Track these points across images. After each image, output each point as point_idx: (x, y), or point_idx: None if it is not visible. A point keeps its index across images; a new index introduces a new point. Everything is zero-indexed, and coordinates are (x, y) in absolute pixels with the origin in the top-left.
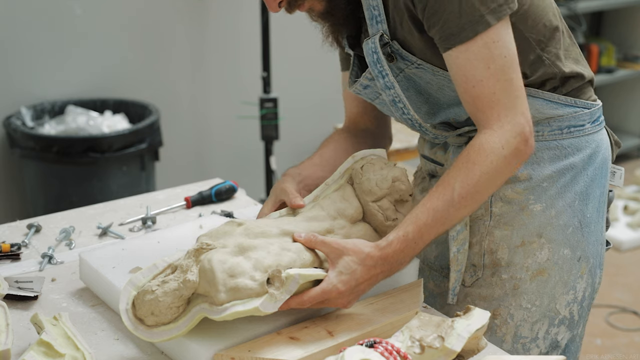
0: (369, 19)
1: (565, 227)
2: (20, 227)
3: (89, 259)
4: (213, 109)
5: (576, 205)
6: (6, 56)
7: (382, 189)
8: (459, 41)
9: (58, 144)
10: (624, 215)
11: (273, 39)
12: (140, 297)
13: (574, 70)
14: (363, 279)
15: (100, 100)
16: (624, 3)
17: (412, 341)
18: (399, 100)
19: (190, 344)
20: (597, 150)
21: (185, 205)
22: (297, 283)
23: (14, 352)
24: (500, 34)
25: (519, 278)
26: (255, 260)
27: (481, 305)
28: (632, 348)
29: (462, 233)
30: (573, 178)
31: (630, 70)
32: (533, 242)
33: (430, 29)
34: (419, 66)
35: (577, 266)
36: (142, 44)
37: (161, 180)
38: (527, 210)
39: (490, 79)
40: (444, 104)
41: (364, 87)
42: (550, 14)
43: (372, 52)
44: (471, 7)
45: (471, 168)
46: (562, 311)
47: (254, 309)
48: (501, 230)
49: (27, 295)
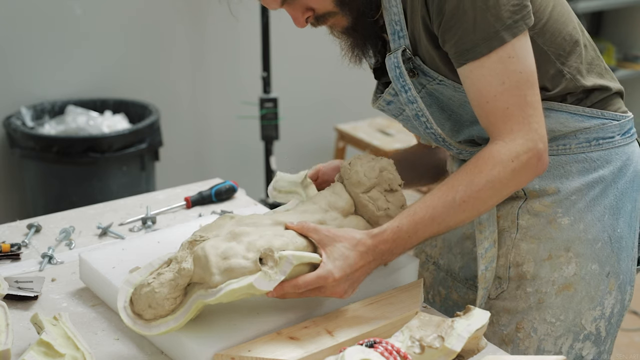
0: (391, 34)
1: (594, 241)
2: (20, 227)
3: (89, 259)
4: (213, 109)
5: (606, 220)
6: (6, 56)
7: (371, 179)
8: (473, 57)
9: (58, 144)
10: None
11: (273, 39)
12: (137, 291)
13: (597, 83)
14: (357, 265)
15: (100, 100)
16: (624, 3)
17: (412, 341)
18: (422, 114)
19: (190, 344)
20: (628, 162)
21: (185, 205)
22: (290, 264)
23: (14, 352)
24: (516, 50)
25: (545, 292)
26: (248, 243)
27: (505, 318)
28: (632, 348)
29: (490, 250)
30: (602, 191)
31: (630, 70)
32: (560, 256)
33: (444, 44)
34: (441, 82)
35: (606, 282)
36: (142, 44)
37: (161, 180)
38: (555, 224)
39: (505, 94)
40: (467, 121)
41: (387, 102)
42: (571, 27)
43: (395, 66)
44: (486, 23)
45: (477, 175)
46: (588, 327)
47: (249, 285)
48: (528, 244)
49: (27, 295)
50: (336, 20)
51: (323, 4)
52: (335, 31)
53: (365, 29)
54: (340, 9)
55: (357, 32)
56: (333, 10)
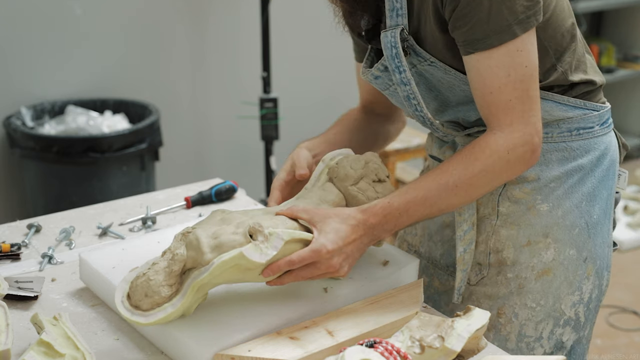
0: (389, 10)
1: (571, 227)
2: (20, 227)
3: (89, 259)
4: (213, 109)
5: (583, 207)
6: (6, 56)
7: (357, 170)
8: (483, 47)
9: (58, 144)
10: (624, 215)
11: (273, 39)
12: (133, 284)
13: (583, 78)
14: (349, 238)
15: (100, 100)
16: (624, 3)
17: (412, 341)
18: (413, 97)
19: (190, 343)
20: (606, 152)
21: (185, 205)
22: (281, 239)
23: (14, 352)
24: (525, 44)
25: (524, 277)
26: (237, 223)
27: (486, 304)
28: (632, 348)
29: (469, 233)
30: (581, 179)
31: (630, 70)
32: (539, 242)
33: (454, 30)
34: (432, 64)
35: (583, 267)
36: (142, 44)
37: (161, 180)
38: (534, 210)
39: (509, 86)
40: (453, 102)
41: (375, 77)
42: (570, 23)
43: (392, 45)
44: (500, 16)
45: (473, 162)
46: (568, 312)
47: (239, 254)
48: (507, 230)
49: (27, 295)
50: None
51: None
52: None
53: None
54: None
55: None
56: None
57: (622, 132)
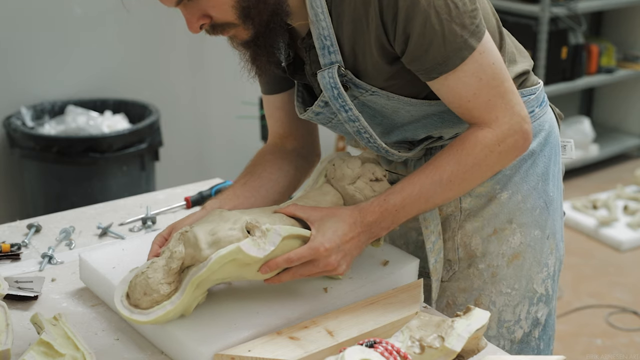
0: (320, 49)
1: (532, 209)
2: (20, 227)
3: (89, 259)
4: (213, 109)
5: (540, 187)
6: (6, 56)
7: (354, 169)
8: (447, 70)
9: (58, 144)
10: (624, 215)
11: None
12: (132, 283)
13: (517, 72)
14: (347, 236)
15: (100, 100)
16: (624, 3)
17: (412, 341)
18: (364, 131)
19: (190, 343)
20: (550, 131)
21: (185, 205)
22: (279, 235)
23: (14, 352)
24: (485, 46)
25: (496, 265)
26: (235, 220)
27: (461, 297)
28: (632, 348)
29: (437, 243)
30: (534, 162)
31: (630, 70)
32: (505, 229)
33: (412, 62)
34: (374, 93)
35: (547, 244)
36: (142, 44)
37: (161, 180)
38: (495, 200)
39: (484, 88)
40: (399, 123)
41: (316, 114)
42: (494, 21)
43: (332, 86)
44: (453, 34)
45: (465, 158)
46: (539, 289)
47: (237, 249)
48: (472, 223)
49: (27, 295)
50: (237, 32)
51: (224, 13)
52: (234, 42)
53: (268, 43)
54: (243, 21)
55: (257, 46)
56: (234, 22)
57: (621, 132)
